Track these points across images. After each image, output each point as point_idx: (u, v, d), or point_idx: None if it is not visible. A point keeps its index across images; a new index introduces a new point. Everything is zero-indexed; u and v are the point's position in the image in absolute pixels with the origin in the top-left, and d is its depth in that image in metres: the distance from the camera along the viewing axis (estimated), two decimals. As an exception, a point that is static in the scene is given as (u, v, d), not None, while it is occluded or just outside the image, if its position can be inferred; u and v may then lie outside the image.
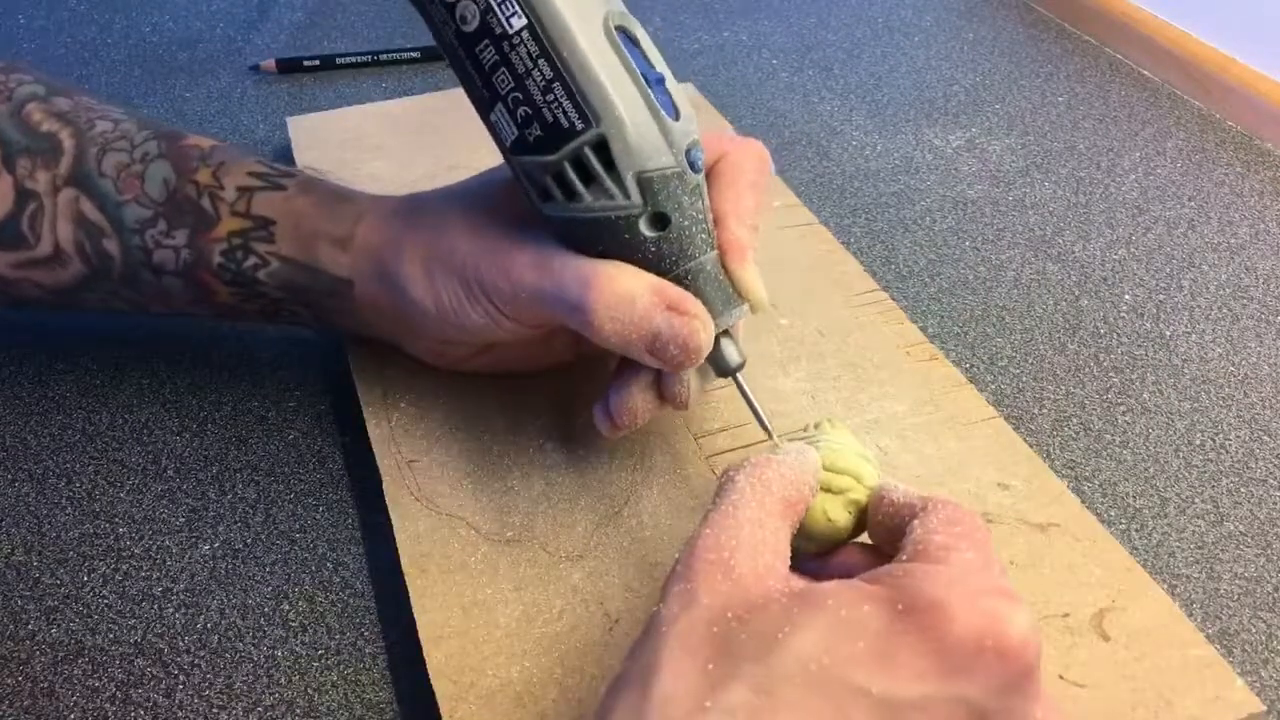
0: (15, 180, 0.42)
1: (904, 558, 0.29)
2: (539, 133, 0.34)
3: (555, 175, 0.35)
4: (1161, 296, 0.56)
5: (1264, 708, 0.34)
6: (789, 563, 0.30)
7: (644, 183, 0.35)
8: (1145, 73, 0.77)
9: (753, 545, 0.29)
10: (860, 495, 0.33)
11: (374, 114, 0.66)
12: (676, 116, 0.35)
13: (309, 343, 0.51)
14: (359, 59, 0.78)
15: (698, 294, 0.36)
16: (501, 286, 0.37)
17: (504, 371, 0.45)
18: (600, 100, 0.34)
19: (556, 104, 0.34)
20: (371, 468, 0.43)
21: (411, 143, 0.62)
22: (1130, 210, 0.62)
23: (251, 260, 0.42)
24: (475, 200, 0.40)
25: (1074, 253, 0.59)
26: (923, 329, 0.50)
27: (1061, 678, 0.34)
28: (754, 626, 0.26)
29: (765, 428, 0.38)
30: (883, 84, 0.76)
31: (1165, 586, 0.39)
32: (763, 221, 0.56)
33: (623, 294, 0.35)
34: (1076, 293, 0.56)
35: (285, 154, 0.64)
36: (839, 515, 0.33)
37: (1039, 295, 0.56)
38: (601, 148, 0.34)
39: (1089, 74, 0.77)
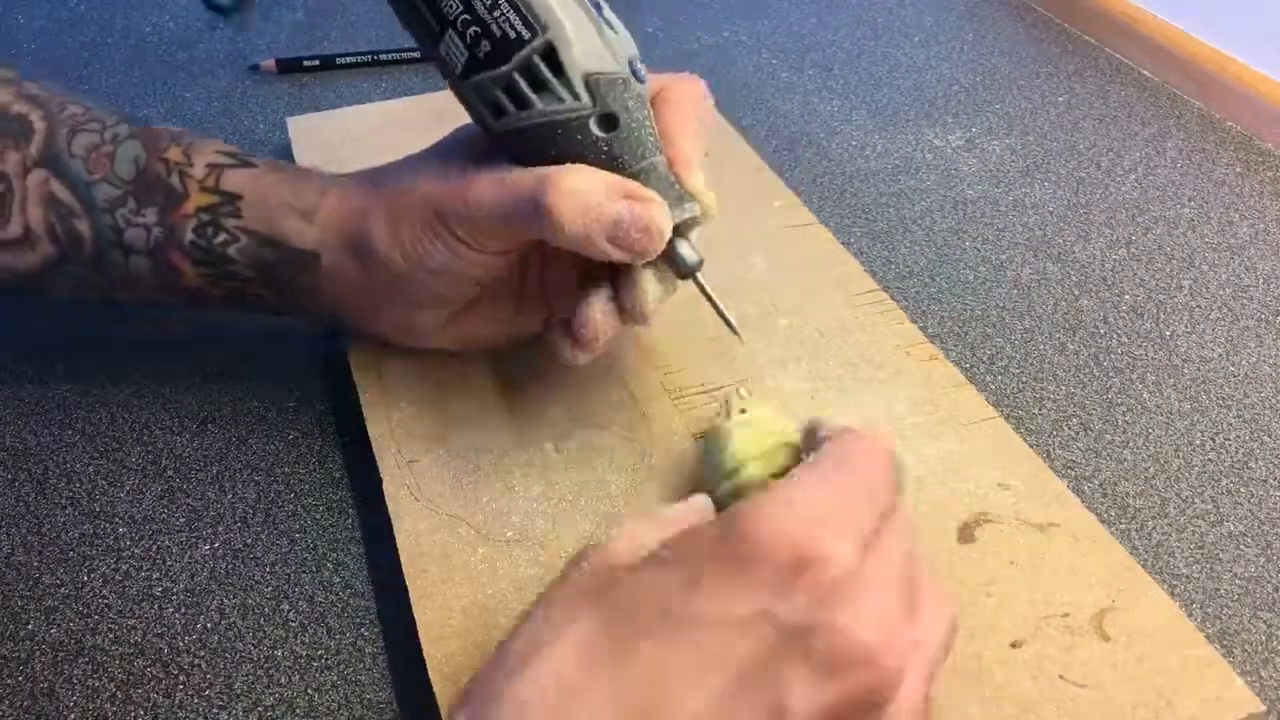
0: None
1: None
2: (488, 48, 0.37)
3: (506, 87, 0.37)
4: (1161, 296, 0.56)
5: (1264, 708, 0.34)
6: None
7: (591, 85, 0.37)
8: (1145, 73, 0.77)
9: (632, 540, 0.30)
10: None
11: (374, 114, 0.66)
12: (617, 34, 0.38)
13: (309, 343, 0.51)
14: (359, 59, 0.78)
15: None
16: (460, 211, 0.38)
17: (472, 345, 0.45)
18: (545, 10, 0.36)
19: (504, 17, 0.36)
20: (371, 467, 0.43)
21: (411, 143, 0.62)
22: (1130, 210, 0.62)
23: (221, 236, 0.42)
24: (433, 158, 0.42)
25: (1074, 253, 0.59)
26: (923, 329, 0.50)
27: (1062, 678, 0.34)
28: (606, 579, 0.29)
29: (731, 326, 0.39)
30: (883, 84, 0.76)
31: (1165, 586, 0.39)
32: (763, 221, 0.56)
33: (580, 187, 0.36)
34: (1076, 293, 0.56)
35: (285, 154, 0.64)
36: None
37: (1039, 295, 0.56)
38: (549, 54, 0.36)
39: (1089, 74, 0.77)
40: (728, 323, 0.39)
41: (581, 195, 0.36)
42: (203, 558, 0.42)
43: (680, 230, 0.38)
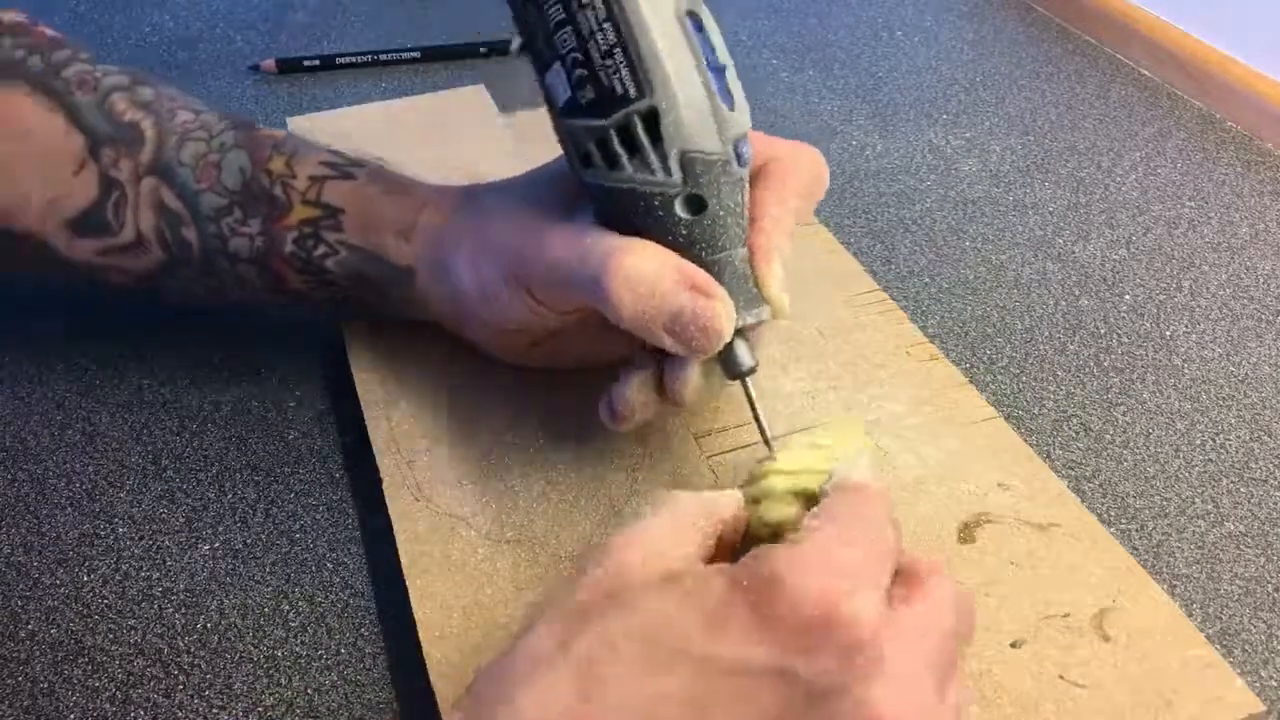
0: (100, 169, 0.43)
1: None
2: (591, 95, 0.34)
3: (600, 141, 0.35)
4: (1161, 296, 0.56)
5: (1264, 708, 0.34)
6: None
7: (687, 163, 0.35)
8: (1145, 73, 0.77)
9: (647, 547, 0.30)
10: (804, 484, 0.33)
11: (374, 114, 0.66)
12: (732, 108, 0.35)
13: (309, 343, 0.51)
14: (359, 59, 0.78)
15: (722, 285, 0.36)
16: (535, 266, 0.37)
17: (566, 365, 0.45)
18: (658, 72, 0.34)
19: (614, 70, 0.34)
20: (371, 468, 0.43)
21: (411, 143, 0.62)
22: (1130, 210, 0.62)
23: (321, 249, 0.43)
24: (523, 192, 0.41)
25: (1074, 253, 0.59)
26: (923, 329, 0.50)
27: (1062, 678, 0.34)
28: (619, 597, 0.28)
29: (766, 439, 0.37)
30: (883, 84, 0.76)
31: (1165, 586, 0.39)
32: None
33: (645, 269, 0.35)
34: (1076, 293, 0.56)
35: (285, 154, 0.64)
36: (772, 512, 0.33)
37: (1039, 295, 0.56)
38: (651, 119, 0.34)
39: (1089, 74, 0.77)
40: (763, 435, 0.37)
41: (645, 278, 0.34)
42: (203, 558, 0.42)
43: (742, 332, 0.37)
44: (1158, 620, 0.36)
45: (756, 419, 0.37)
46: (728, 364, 0.37)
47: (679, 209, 0.35)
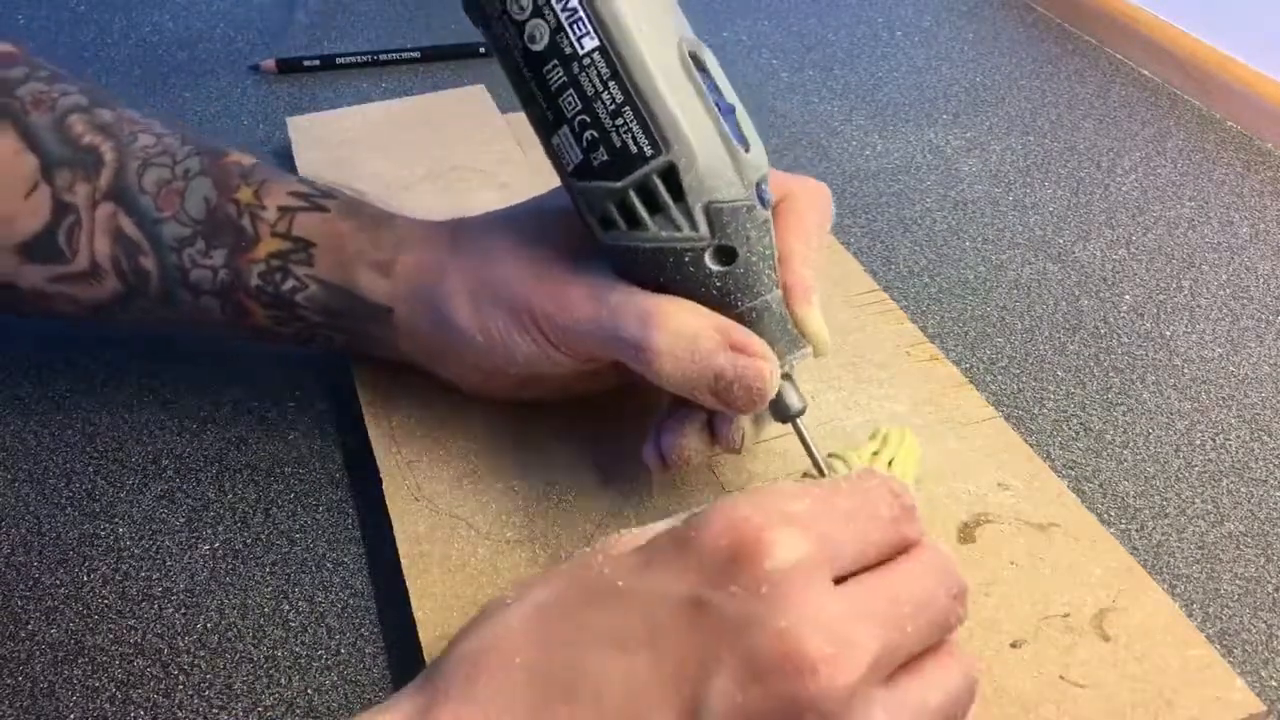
0: (54, 192, 0.41)
1: None
2: (605, 158, 0.34)
3: (619, 202, 0.34)
4: (1161, 296, 0.56)
5: (1264, 708, 0.34)
6: None
7: (712, 214, 0.34)
8: (1145, 73, 0.77)
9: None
10: None
11: (374, 114, 0.66)
12: (747, 149, 0.34)
13: (309, 343, 0.51)
14: (359, 59, 0.78)
15: (762, 333, 0.35)
16: (556, 319, 0.36)
17: (546, 401, 0.43)
18: (672, 127, 0.33)
19: (625, 129, 0.33)
20: (371, 468, 0.43)
21: (411, 143, 0.62)
22: (1130, 210, 0.62)
23: (290, 283, 0.41)
24: (526, 228, 0.39)
25: (1074, 253, 0.59)
26: (923, 329, 0.50)
27: (1062, 678, 0.34)
28: (596, 556, 0.30)
29: (821, 471, 0.36)
30: (883, 84, 0.76)
31: (1165, 586, 0.39)
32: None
33: (685, 332, 0.34)
34: (1076, 293, 0.56)
35: (285, 154, 0.64)
36: None
37: (1039, 295, 0.56)
38: (670, 176, 0.33)
39: (1089, 74, 0.77)
40: (819, 468, 0.36)
41: (686, 341, 0.34)
42: (203, 558, 0.42)
43: (788, 374, 0.36)
44: (1158, 620, 0.36)
45: (812, 457, 0.36)
46: (777, 408, 0.36)
47: (709, 262, 0.34)
